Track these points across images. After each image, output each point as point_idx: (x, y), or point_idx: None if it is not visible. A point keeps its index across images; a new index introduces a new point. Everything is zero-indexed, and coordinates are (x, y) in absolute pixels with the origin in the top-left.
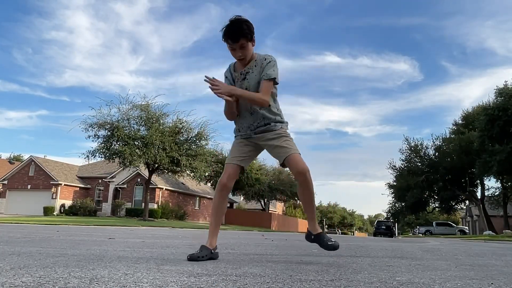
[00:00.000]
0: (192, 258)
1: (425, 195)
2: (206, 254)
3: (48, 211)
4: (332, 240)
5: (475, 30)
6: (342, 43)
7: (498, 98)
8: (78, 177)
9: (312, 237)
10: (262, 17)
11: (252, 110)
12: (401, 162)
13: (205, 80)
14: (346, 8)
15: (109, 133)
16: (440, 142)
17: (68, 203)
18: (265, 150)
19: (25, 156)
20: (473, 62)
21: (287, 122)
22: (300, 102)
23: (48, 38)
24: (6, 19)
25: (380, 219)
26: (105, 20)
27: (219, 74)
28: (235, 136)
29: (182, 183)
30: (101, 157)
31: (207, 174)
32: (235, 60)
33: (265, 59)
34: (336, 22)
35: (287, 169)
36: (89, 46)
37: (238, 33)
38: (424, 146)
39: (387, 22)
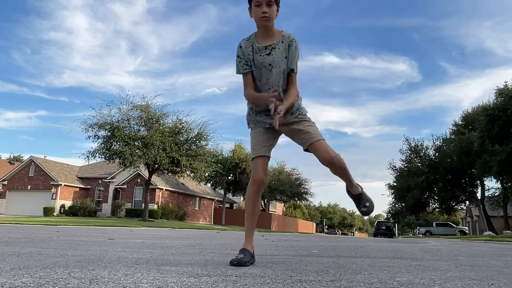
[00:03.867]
0: (239, 263)
1: (425, 196)
2: (250, 259)
3: (48, 211)
4: (366, 205)
5: (474, 30)
6: (340, 44)
7: (498, 98)
8: (78, 177)
9: (352, 196)
10: None
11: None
12: (401, 162)
13: (274, 96)
14: (344, 8)
15: (109, 133)
16: (440, 142)
17: (68, 203)
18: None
19: (25, 157)
20: (471, 63)
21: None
22: None
23: (47, 39)
24: (5, 20)
25: (380, 220)
26: (104, 20)
27: (219, 74)
28: (251, 123)
29: (182, 183)
30: (101, 157)
31: (207, 174)
32: (247, 37)
33: (294, 40)
34: (335, 22)
35: (287, 169)
36: (87, 46)
37: None
38: (424, 147)
39: (386, 23)
